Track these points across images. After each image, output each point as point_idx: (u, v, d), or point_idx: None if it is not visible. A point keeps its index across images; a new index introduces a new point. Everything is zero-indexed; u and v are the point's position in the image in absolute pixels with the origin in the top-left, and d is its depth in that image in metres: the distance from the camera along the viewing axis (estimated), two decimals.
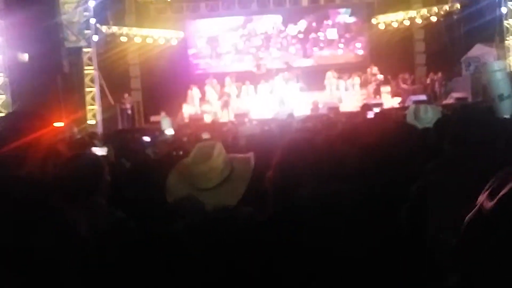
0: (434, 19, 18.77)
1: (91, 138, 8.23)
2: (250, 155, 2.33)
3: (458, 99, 15.93)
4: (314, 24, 20.18)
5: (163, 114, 16.22)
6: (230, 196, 2.08)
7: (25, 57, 14.91)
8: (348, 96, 18.01)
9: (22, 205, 1.43)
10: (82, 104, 16.14)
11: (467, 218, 0.95)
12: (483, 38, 16.99)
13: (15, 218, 1.40)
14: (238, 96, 18.20)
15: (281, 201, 1.93)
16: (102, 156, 3.59)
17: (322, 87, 18.32)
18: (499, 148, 2.22)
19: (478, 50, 17.24)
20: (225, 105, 17.37)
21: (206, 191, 2.09)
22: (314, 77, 18.49)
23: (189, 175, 2.15)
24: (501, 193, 0.87)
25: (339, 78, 18.35)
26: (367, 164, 2.72)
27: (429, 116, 4.36)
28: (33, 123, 1.65)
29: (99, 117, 16.31)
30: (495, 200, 0.87)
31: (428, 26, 19.18)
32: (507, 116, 6.41)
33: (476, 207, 0.93)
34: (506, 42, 16.09)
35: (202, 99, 18.16)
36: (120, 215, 2.29)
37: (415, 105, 5.26)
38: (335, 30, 20.30)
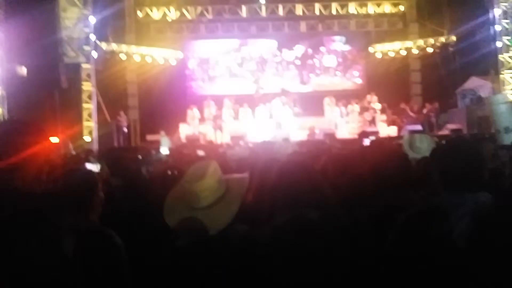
0: (430, 50, 19.06)
1: (86, 155, 8.21)
2: (246, 175, 2.34)
3: (453, 130, 16.05)
4: (310, 50, 20.45)
5: (162, 133, 16.24)
6: (223, 216, 2.10)
7: (23, 70, 14.95)
8: (345, 123, 18.11)
9: (12, 217, 1.42)
10: (78, 120, 16.12)
11: None
12: (478, 71, 17.25)
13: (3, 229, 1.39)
14: (235, 118, 18.27)
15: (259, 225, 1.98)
16: (96, 172, 3.56)
17: (319, 113, 18.43)
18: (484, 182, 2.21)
19: (473, 82, 17.48)
20: (218, 127, 17.40)
21: (200, 210, 2.11)
22: (311, 103, 18.62)
23: (184, 194, 2.17)
24: None
25: (336, 104, 18.48)
26: (354, 194, 2.74)
27: (424, 146, 4.38)
28: (29, 136, 1.64)
29: (95, 134, 16.28)
30: None
31: (424, 57, 19.49)
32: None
33: None
34: (501, 75, 16.32)
35: (201, 120, 18.21)
36: (110, 233, 2.26)
37: (410, 134, 5.28)
38: (332, 57, 20.57)
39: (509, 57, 16.13)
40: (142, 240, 2.77)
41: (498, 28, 16.12)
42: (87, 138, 16.06)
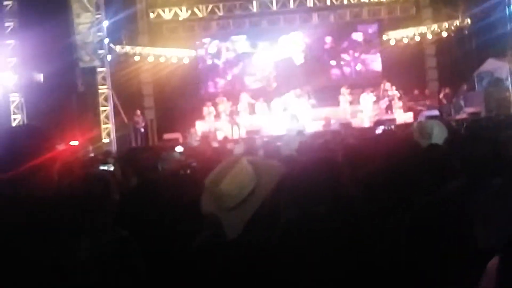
0: (445, 34, 18.77)
1: (105, 157, 8.36)
2: (279, 164, 2.20)
3: (471, 113, 15.83)
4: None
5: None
6: (243, 218, 1.99)
7: (40, 77, 15.23)
8: (360, 112, 18.00)
9: (26, 222, 1.47)
10: (96, 123, 16.38)
11: None
12: (495, 53, 16.92)
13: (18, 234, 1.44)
14: (252, 113, 18.32)
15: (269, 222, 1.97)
16: (110, 173, 3.65)
17: (334, 103, 18.35)
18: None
19: (490, 64, 17.16)
20: (233, 122, 17.47)
21: (226, 212, 2.02)
22: (326, 93, 18.55)
23: (212, 193, 2.09)
24: None
25: (351, 94, 18.37)
26: (368, 185, 2.73)
27: (435, 133, 4.34)
28: (41, 141, 1.66)
29: (113, 135, 16.51)
30: None
31: (439, 41, 19.19)
32: None
33: None
34: None
35: (216, 116, 18.32)
36: (124, 234, 2.33)
37: (419, 122, 5.25)
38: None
39: None
40: (156, 240, 2.84)
41: None
42: (105, 140, 16.31)
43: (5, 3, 14.86)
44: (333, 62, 20.42)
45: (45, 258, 1.46)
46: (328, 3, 19.60)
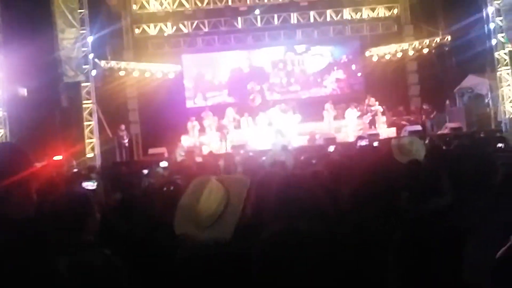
0: (426, 51, 19.16)
1: (89, 172, 8.32)
2: (245, 177, 2.30)
3: (452, 129, 16.11)
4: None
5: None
6: (226, 231, 2.09)
7: (24, 92, 15.14)
8: (344, 127, 18.19)
9: (7, 244, 1.47)
10: (80, 138, 16.26)
11: (498, 254, 0.92)
12: (475, 69, 17.32)
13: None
14: (237, 127, 18.39)
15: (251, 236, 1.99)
16: (92, 191, 3.66)
17: (319, 118, 18.52)
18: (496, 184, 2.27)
19: (470, 80, 17.55)
20: (223, 137, 17.51)
21: (206, 229, 2.10)
22: (311, 108, 18.72)
23: (189, 213, 2.16)
24: None
25: (335, 109, 18.58)
26: (348, 201, 2.78)
27: (414, 149, 4.44)
28: (23, 160, 1.64)
29: (97, 150, 16.41)
30: None
31: (420, 58, 19.58)
32: None
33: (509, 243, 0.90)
34: (498, 73, 16.37)
35: (201, 130, 18.33)
36: (106, 252, 2.34)
37: (398, 138, 5.35)
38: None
39: (505, 53, 16.18)
40: (140, 258, 2.86)
41: (492, 26, 16.20)
42: (89, 155, 16.20)
43: None
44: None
45: (26, 277, 1.45)
46: (312, 20, 19.90)
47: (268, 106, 18.77)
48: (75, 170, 10.72)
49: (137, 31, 19.87)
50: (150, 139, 18.35)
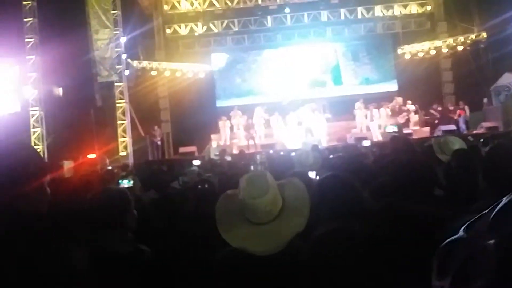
0: (460, 48, 18.72)
1: (122, 170, 8.49)
2: (301, 183, 2.17)
3: (488, 128, 15.68)
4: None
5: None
6: (286, 230, 1.97)
7: (59, 91, 15.54)
8: (376, 126, 17.93)
9: (28, 239, 1.48)
10: (114, 136, 16.59)
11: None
12: (511, 66, 16.81)
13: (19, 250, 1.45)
14: (267, 126, 18.39)
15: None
16: (128, 188, 3.71)
17: (349, 117, 18.33)
18: None
19: (507, 78, 17.03)
20: (249, 136, 17.51)
21: (261, 226, 1.98)
22: (342, 108, 18.55)
23: (241, 207, 2.03)
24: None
25: (366, 108, 18.34)
26: (384, 202, 2.72)
27: (455, 148, 4.27)
28: (33, 157, 1.65)
29: (130, 148, 16.69)
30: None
31: (454, 55, 19.14)
32: None
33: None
34: None
35: (231, 129, 18.42)
36: (144, 249, 2.36)
37: (437, 138, 5.20)
38: None
39: None
40: (176, 255, 2.88)
41: None
42: (122, 153, 16.49)
43: (26, 19, 15.24)
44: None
45: (40, 270, 1.46)
46: (342, 17, 19.71)
47: (297, 105, 18.69)
48: (109, 168, 10.96)
49: (168, 31, 20.12)
50: (180, 138, 18.55)
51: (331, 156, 6.26)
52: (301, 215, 1.99)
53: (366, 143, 9.94)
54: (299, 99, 19.16)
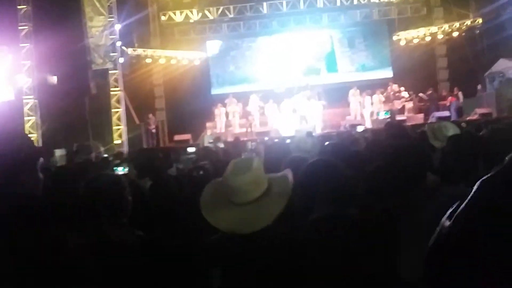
0: (455, 34, 18.70)
1: (117, 158, 8.49)
2: (288, 171, 2.21)
3: (482, 114, 15.73)
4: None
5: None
6: (267, 213, 1.98)
7: (54, 79, 15.46)
8: (370, 113, 17.96)
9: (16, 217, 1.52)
10: (108, 124, 16.56)
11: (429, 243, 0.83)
12: (506, 52, 16.81)
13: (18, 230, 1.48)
14: (262, 114, 18.39)
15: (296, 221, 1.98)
16: (123, 175, 3.73)
17: (344, 104, 18.35)
18: None
19: (502, 64, 17.05)
20: (247, 123, 17.53)
21: (243, 206, 2.00)
22: (336, 95, 18.54)
23: (225, 189, 2.06)
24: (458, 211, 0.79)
25: (361, 95, 18.34)
26: (376, 187, 2.74)
27: (449, 134, 4.28)
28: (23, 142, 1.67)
29: (124, 136, 16.68)
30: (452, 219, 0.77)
31: (450, 41, 19.11)
32: None
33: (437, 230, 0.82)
34: None
35: (227, 117, 18.41)
36: (139, 234, 2.39)
37: (430, 124, 5.21)
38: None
39: None
40: (172, 238, 2.92)
41: None
42: (117, 141, 16.48)
43: (20, 7, 15.10)
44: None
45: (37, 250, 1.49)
46: (338, 4, 19.62)
47: (292, 93, 18.67)
48: (104, 156, 10.96)
49: (163, 18, 19.97)
50: (175, 126, 18.53)
51: (326, 143, 6.29)
52: (282, 198, 2.02)
53: (360, 129, 10.01)
54: (295, 87, 19.13)
